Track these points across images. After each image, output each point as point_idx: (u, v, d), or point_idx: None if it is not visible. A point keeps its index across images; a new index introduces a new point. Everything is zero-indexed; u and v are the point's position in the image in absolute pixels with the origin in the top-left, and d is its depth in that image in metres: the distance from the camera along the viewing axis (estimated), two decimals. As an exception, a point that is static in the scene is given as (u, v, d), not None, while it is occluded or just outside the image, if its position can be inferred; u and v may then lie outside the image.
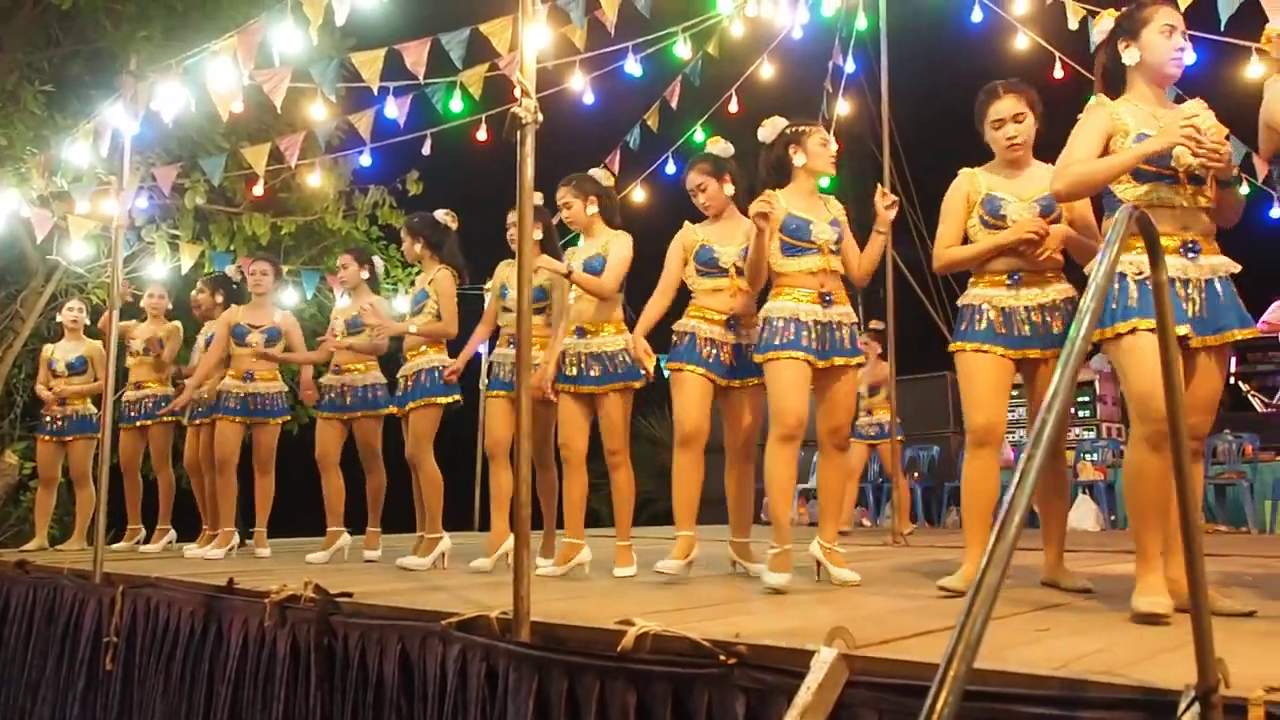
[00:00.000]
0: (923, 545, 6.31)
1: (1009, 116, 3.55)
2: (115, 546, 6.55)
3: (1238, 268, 2.95)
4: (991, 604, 1.11)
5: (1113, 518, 8.91)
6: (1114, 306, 2.89)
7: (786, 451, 3.81)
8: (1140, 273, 2.84)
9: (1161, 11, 3.04)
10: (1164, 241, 2.74)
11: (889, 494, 7.76)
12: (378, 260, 6.01)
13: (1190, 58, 6.50)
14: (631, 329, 4.46)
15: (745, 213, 4.09)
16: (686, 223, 4.38)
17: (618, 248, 4.50)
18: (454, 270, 5.19)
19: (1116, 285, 3.04)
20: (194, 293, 6.86)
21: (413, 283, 5.88)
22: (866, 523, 9.91)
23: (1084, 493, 8.92)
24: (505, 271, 4.99)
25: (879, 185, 3.96)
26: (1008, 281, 3.53)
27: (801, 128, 4.01)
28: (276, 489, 6.05)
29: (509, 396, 4.77)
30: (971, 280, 3.64)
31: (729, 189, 4.28)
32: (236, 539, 5.97)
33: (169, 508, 6.83)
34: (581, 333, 4.49)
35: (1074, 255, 3.53)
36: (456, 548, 5.18)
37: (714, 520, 5.16)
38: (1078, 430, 9.74)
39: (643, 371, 4.39)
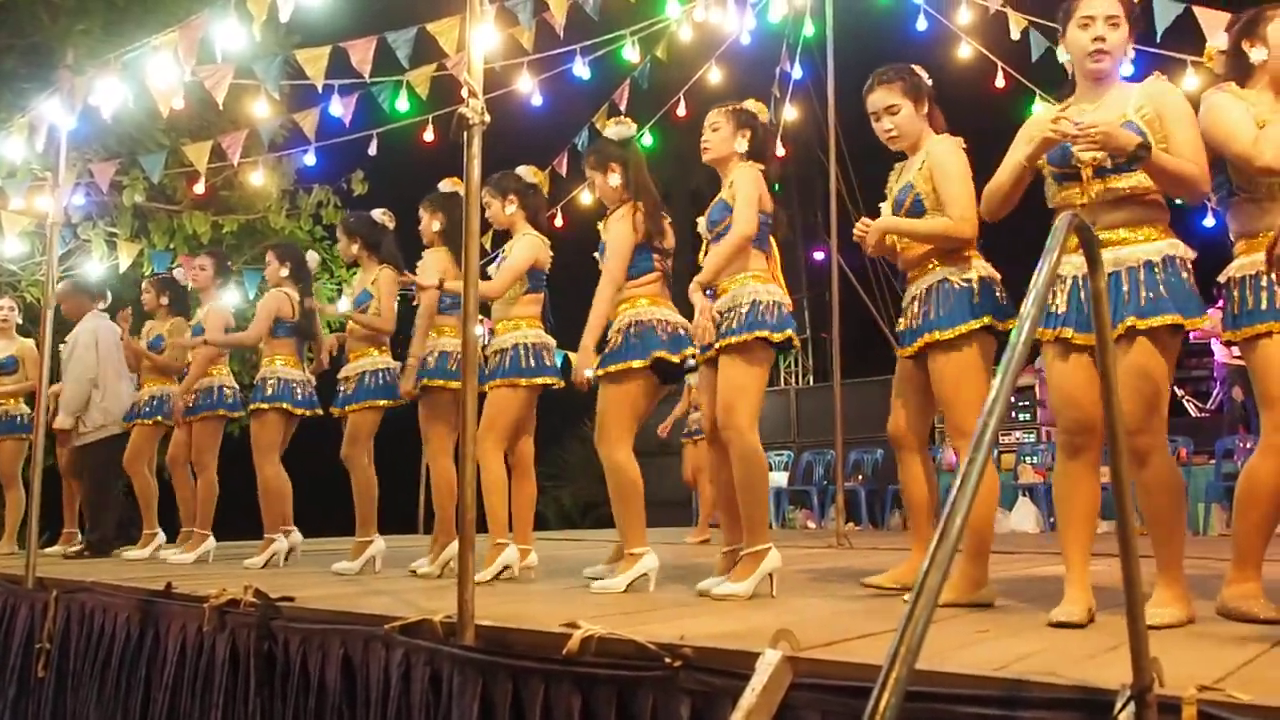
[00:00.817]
0: (865, 547, 6.37)
1: (881, 109, 3.48)
2: (48, 550, 6.41)
3: (1161, 254, 2.84)
4: (933, 606, 1.12)
5: (1052, 520, 9.06)
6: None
7: (714, 452, 3.82)
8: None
9: (1081, 3, 2.95)
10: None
11: (833, 497, 7.82)
12: (313, 255, 5.92)
13: (1128, 69, 6.67)
14: (546, 328, 4.52)
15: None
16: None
17: (514, 252, 4.47)
18: (395, 269, 5.13)
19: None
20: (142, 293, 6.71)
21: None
22: (812, 525, 9.99)
23: (1023, 495, 9.07)
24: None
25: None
26: (900, 282, 3.59)
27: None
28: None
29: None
30: None
31: (614, 179, 4.02)
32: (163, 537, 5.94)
33: (74, 512, 6.73)
34: (492, 332, 4.54)
35: (921, 242, 3.41)
36: (400, 551, 5.13)
37: (666, 523, 5.17)
38: (1017, 434, 9.90)
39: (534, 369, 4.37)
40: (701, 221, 3.86)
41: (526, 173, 4.67)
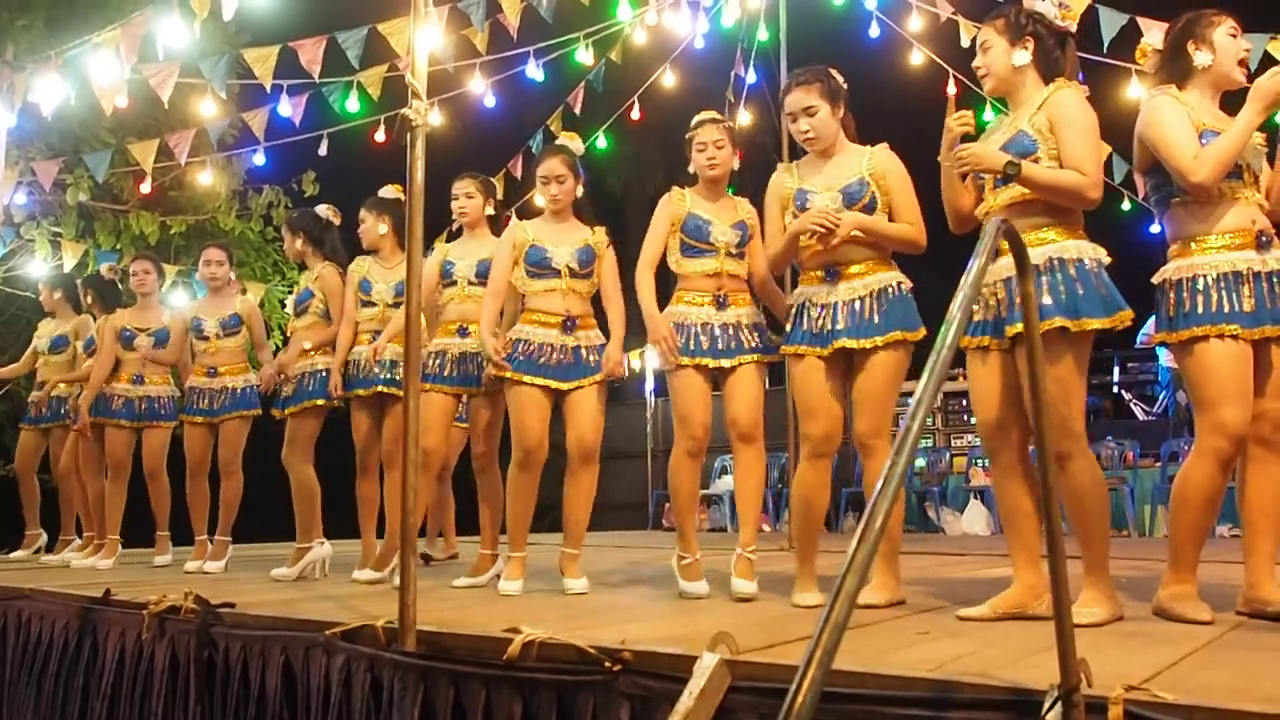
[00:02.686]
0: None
1: (799, 111, 3.46)
2: (12, 555, 6.29)
3: (1046, 257, 2.86)
4: (850, 608, 1.13)
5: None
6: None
7: (693, 464, 3.79)
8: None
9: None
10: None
11: (786, 500, 7.84)
12: None
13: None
14: None
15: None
16: (514, 219, 4.33)
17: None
18: (338, 267, 5.04)
19: None
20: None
21: None
22: (766, 528, 10.02)
23: (975, 498, 9.14)
24: (363, 266, 4.89)
25: None
26: (824, 277, 3.44)
27: (690, 132, 3.94)
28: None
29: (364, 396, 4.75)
30: (799, 278, 3.58)
31: (578, 190, 4.17)
32: (120, 548, 5.80)
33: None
34: (464, 332, 4.45)
35: (883, 243, 3.42)
36: (350, 556, 5.07)
37: (621, 526, 5.15)
38: (969, 437, 9.99)
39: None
40: (725, 229, 3.84)
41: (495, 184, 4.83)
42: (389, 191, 4.87)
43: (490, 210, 4.61)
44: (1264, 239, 2.88)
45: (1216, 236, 2.89)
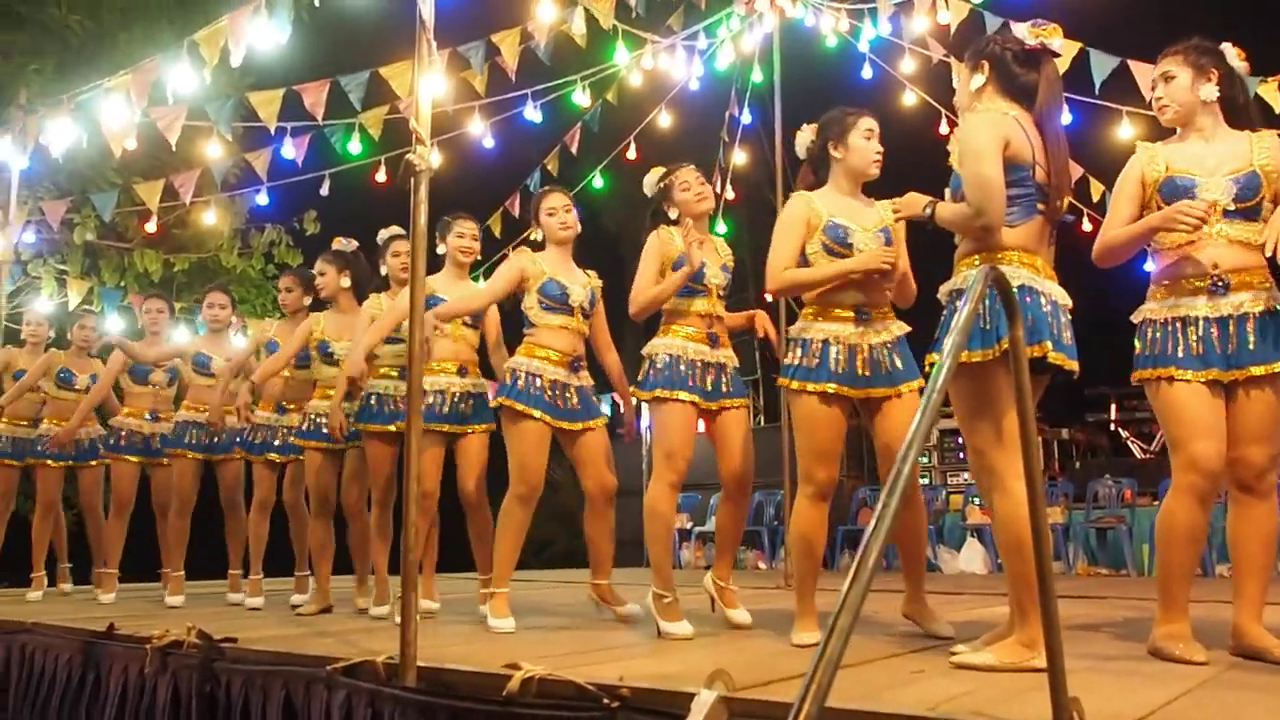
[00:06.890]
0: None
1: (878, 131, 3.55)
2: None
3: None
4: (844, 645, 1.17)
5: (999, 561, 9.13)
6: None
7: (672, 496, 3.81)
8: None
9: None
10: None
11: (783, 537, 7.85)
12: None
13: (1067, 118, 6.93)
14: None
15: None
16: (525, 250, 4.35)
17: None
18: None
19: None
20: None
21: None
22: (763, 565, 10.01)
23: (972, 536, 9.15)
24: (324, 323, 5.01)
25: None
26: (856, 317, 3.42)
27: (669, 178, 4.05)
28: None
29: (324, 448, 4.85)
30: (810, 311, 3.49)
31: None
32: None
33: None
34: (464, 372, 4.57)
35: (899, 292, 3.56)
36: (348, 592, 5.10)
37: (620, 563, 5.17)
38: (965, 475, 10.02)
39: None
40: (717, 272, 3.99)
41: (347, 245, 5.10)
42: (347, 244, 5.06)
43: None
44: (1218, 284, 2.92)
45: (1170, 283, 3.00)
